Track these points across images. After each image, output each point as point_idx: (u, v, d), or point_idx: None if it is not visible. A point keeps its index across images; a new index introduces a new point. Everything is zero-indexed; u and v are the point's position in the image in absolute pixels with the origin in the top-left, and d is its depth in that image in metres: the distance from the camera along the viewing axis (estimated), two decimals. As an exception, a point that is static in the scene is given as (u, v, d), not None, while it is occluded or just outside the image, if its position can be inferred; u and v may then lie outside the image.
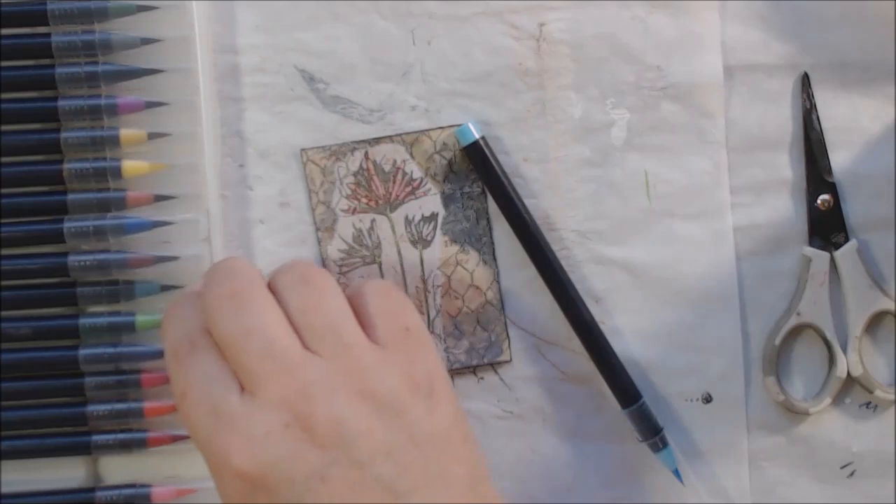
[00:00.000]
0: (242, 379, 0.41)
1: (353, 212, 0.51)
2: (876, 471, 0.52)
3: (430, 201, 0.51)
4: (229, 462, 0.40)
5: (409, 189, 0.51)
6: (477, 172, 0.51)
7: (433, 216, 0.51)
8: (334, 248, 0.51)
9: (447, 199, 0.51)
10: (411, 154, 0.51)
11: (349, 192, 0.51)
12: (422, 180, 0.51)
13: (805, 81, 0.52)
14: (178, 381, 0.42)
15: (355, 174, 0.51)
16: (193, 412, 0.41)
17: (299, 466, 0.40)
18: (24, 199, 0.50)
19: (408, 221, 0.51)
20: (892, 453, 0.52)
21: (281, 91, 0.51)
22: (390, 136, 0.51)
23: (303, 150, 0.51)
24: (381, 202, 0.51)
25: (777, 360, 0.52)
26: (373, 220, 0.51)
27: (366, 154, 0.51)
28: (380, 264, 0.51)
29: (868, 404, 0.53)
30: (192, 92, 0.50)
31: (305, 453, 0.40)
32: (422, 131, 0.51)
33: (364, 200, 0.51)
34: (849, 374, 0.52)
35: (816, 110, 0.52)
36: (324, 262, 0.51)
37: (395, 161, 0.51)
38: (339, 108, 0.51)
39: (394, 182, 0.51)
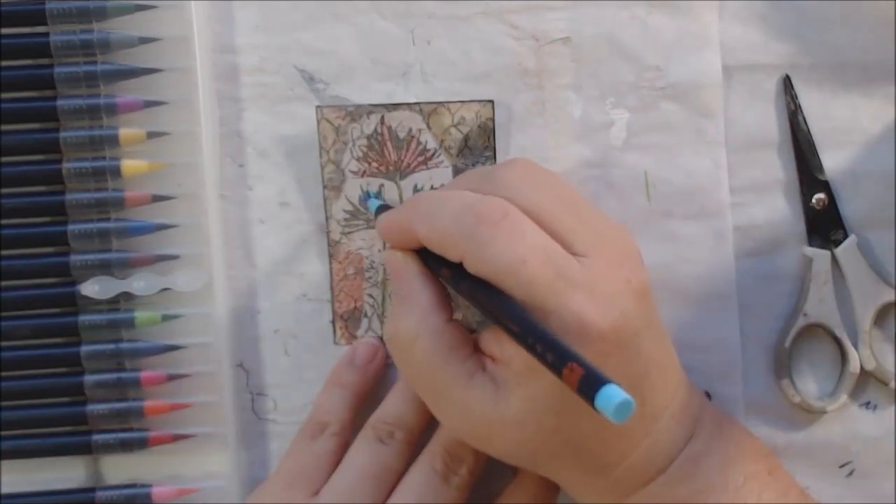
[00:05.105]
0: (567, 244, 0.43)
1: (363, 174, 0.51)
2: (875, 470, 0.52)
3: (441, 173, 0.51)
4: (588, 322, 0.41)
5: (421, 159, 0.51)
6: None
7: (442, 187, 0.51)
8: (339, 209, 0.51)
9: (459, 173, 0.51)
10: (428, 124, 0.51)
11: (360, 154, 0.51)
12: (435, 151, 0.51)
13: (787, 83, 0.52)
14: (510, 250, 0.42)
15: (369, 137, 0.50)
16: (539, 277, 0.41)
17: (639, 319, 0.43)
18: (23, 199, 0.50)
19: (416, 191, 0.51)
20: (892, 453, 0.52)
21: (281, 91, 0.51)
22: (409, 104, 0.51)
23: (318, 106, 0.51)
24: (391, 168, 0.51)
25: (789, 363, 0.52)
26: (381, 186, 0.51)
27: (382, 119, 0.50)
28: None
29: (868, 404, 0.53)
30: (191, 91, 0.50)
31: (640, 306, 0.43)
32: (441, 102, 0.51)
33: (375, 165, 0.51)
34: (862, 368, 0.52)
35: (802, 111, 0.52)
36: (327, 221, 0.51)
37: (410, 129, 0.51)
38: (338, 107, 0.51)
39: (407, 150, 0.51)
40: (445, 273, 0.45)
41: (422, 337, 0.44)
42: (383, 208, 0.49)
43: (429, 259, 0.45)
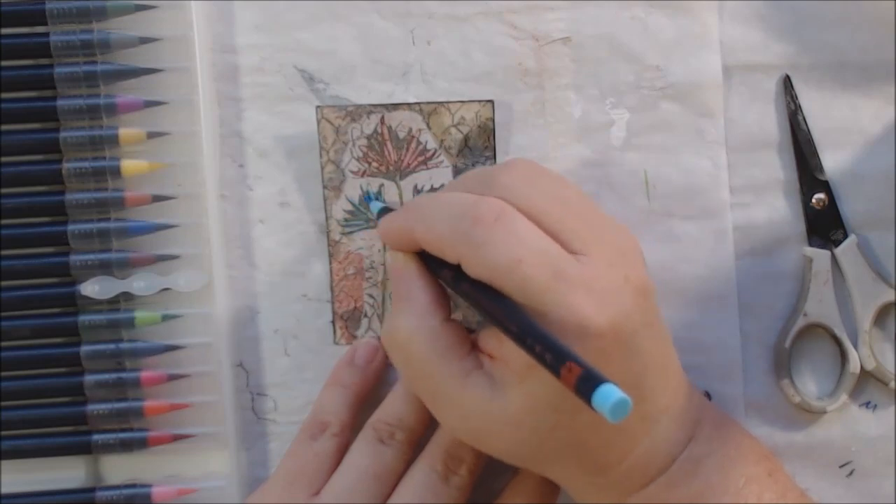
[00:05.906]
0: (565, 243, 0.43)
1: (363, 174, 0.51)
2: (875, 470, 0.52)
3: (441, 173, 0.51)
4: (587, 320, 0.41)
5: (421, 158, 0.51)
6: None
7: (442, 188, 0.51)
8: (339, 209, 0.51)
9: (458, 174, 0.51)
10: (428, 124, 0.51)
11: (361, 154, 0.51)
12: (435, 151, 0.51)
13: (787, 84, 0.52)
14: (505, 251, 0.42)
15: (369, 137, 0.51)
16: (535, 277, 0.41)
17: (639, 317, 0.43)
18: (23, 199, 0.50)
19: (416, 191, 0.51)
20: (892, 452, 0.52)
21: (281, 91, 0.51)
22: (409, 104, 0.51)
23: (318, 106, 0.51)
24: (391, 168, 0.51)
25: (789, 363, 0.52)
26: (381, 185, 0.51)
27: (382, 118, 0.51)
28: None
29: (868, 403, 0.53)
30: (191, 91, 0.50)
31: (640, 304, 0.43)
32: (441, 103, 0.51)
33: (375, 164, 0.51)
34: (862, 368, 0.52)
35: (802, 111, 0.52)
36: (327, 221, 0.51)
37: (410, 129, 0.51)
38: (338, 108, 0.51)
39: (407, 150, 0.51)
40: (445, 274, 0.45)
41: (418, 336, 0.44)
42: (385, 210, 0.49)
43: (429, 261, 0.45)
